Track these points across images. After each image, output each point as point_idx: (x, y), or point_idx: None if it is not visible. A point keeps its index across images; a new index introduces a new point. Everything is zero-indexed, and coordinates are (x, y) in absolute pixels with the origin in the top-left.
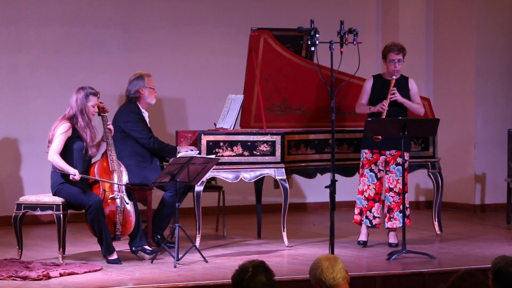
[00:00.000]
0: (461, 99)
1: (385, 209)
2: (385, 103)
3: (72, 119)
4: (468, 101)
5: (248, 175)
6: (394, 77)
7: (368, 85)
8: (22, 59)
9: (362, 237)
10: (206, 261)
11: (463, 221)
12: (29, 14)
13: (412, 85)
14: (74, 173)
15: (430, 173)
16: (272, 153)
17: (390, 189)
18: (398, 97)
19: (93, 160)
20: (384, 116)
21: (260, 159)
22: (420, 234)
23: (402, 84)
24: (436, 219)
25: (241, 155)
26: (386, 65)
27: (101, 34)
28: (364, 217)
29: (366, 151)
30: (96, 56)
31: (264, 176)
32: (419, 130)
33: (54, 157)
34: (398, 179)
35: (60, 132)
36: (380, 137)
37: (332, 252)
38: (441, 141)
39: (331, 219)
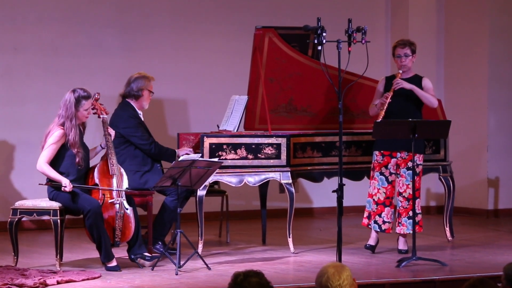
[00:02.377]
0: (474, 100)
1: (396, 214)
2: (388, 95)
3: (64, 124)
4: (481, 102)
5: (253, 179)
6: (400, 71)
7: (380, 86)
8: (18, 59)
9: (370, 241)
10: (209, 268)
11: (475, 226)
12: (25, 12)
13: (426, 82)
14: (65, 184)
15: (441, 177)
16: (277, 156)
17: (400, 194)
18: (403, 83)
19: (92, 163)
20: (385, 108)
21: (264, 162)
22: (431, 240)
23: (416, 83)
24: (448, 224)
25: (245, 158)
26: (395, 61)
27: (100, 33)
28: (373, 221)
29: (377, 153)
30: (95, 57)
31: (269, 180)
32: (429, 132)
33: (43, 166)
34: (409, 184)
35: (52, 142)
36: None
37: (340, 259)
38: (452, 143)
39: (338, 224)
